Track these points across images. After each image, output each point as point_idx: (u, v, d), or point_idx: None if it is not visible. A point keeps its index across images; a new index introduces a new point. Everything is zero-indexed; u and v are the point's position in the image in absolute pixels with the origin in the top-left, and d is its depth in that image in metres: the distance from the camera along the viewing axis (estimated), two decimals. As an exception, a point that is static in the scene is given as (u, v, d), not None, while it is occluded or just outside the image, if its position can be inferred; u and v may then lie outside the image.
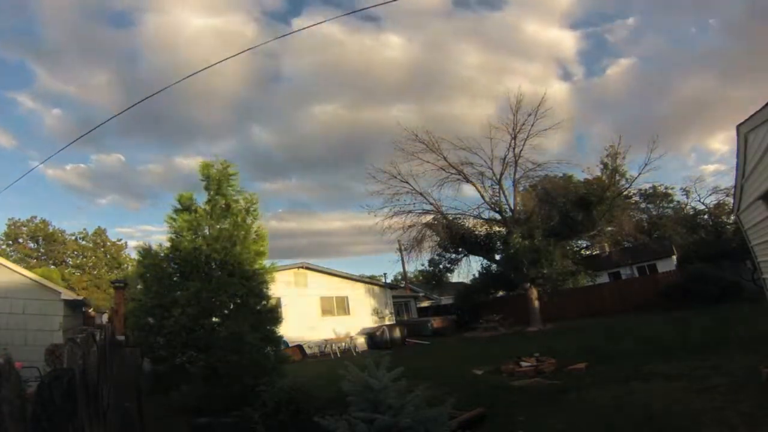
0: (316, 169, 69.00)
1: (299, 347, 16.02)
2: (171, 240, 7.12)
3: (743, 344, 7.21)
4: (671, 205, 34.79)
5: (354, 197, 71.82)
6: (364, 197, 32.61)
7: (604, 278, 25.62)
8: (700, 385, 5.18)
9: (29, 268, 17.77)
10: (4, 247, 34.83)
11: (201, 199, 7.53)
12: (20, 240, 36.25)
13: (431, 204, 21.17)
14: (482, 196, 20.95)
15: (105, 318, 14.48)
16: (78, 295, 12.30)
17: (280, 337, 7.97)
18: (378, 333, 18.34)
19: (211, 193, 7.42)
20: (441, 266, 23.76)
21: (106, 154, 61.63)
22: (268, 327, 7.11)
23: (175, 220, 7.19)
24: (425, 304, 31.97)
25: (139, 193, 67.21)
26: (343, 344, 17.30)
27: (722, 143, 55.15)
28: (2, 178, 57.05)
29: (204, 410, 5.64)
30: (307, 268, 19.57)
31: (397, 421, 3.05)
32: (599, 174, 20.14)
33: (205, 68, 7.46)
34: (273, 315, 7.37)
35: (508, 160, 20.35)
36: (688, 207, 34.08)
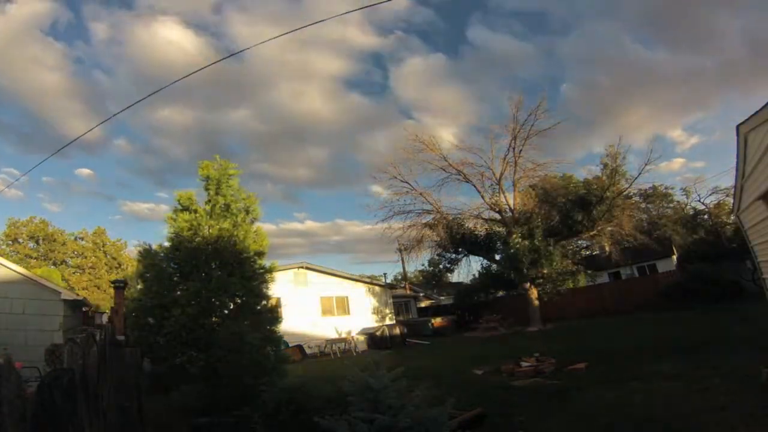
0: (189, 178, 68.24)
1: (299, 347, 16.03)
2: (171, 240, 7.11)
3: (743, 344, 7.21)
4: (671, 205, 34.84)
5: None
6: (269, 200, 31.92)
7: (604, 278, 25.61)
8: (700, 385, 5.18)
9: (29, 268, 17.77)
10: (3, 247, 34.81)
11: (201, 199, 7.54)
12: (20, 240, 36.23)
13: (431, 204, 21.21)
14: (482, 196, 21.00)
15: (105, 318, 14.48)
16: (78, 295, 12.30)
17: (280, 337, 7.97)
18: (378, 333, 18.34)
19: (211, 193, 7.43)
20: (441, 266, 23.79)
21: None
22: (268, 327, 7.11)
23: (175, 220, 7.19)
24: (425, 304, 31.97)
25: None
26: (343, 344, 17.30)
27: (685, 131, 50.31)
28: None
29: (204, 410, 5.64)
30: (308, 268, 19.57)
31: (397, 421, 3.05)
32: (599, 174, 20.18)
33: (202, 69, 7.46)
34: (273, 315, 7.37)
35: (508, 160, 20.38)
36: (688, 207, 34.15)
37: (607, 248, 22.65)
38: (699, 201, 33.01)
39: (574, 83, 49.47)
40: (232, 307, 7.03)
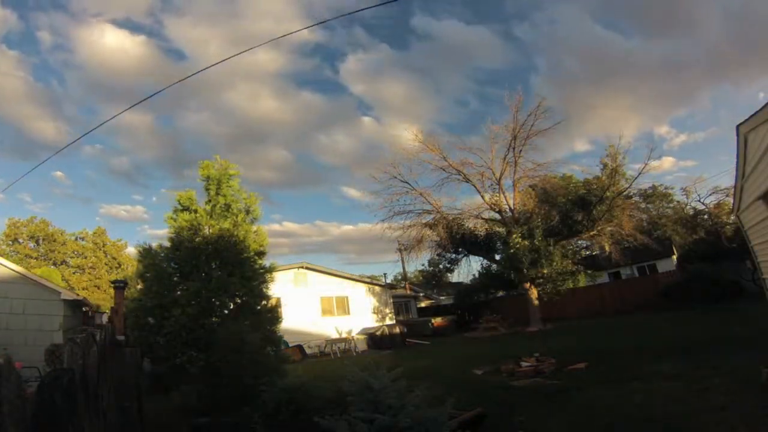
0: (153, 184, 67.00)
1: (299, 347, 16.03)
2: (171, 240, 7.12)
3: (743, 344, 7.21)
4: (671, 205, 34.83)
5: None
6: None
7: (604, 278, 25.61)
8: (700, 385, 5.18)
9: (29, 268, 17.77)
10: (4, 247, 34.81)
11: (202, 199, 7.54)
12: (20, 240, 36.23)
13: (431, 204, 21.20)
14: (482, 196, 21.00)
15: (105, 318, 14.48)
16: (78, 295, 12.30)
17: (280, 337, 7.98)
18: (378, 333, 18.34)
19: (211, 193, 7.43)
20: (441, 266, 23.82)
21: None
22: (268, 327, 7.11)
23: (175, 220, 7.19)
24: (425, 304, 31.98)
25: None
26: (343, 344, 17.31)
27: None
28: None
29: (204, 410, 5.64)
30: (308, 268, 19.57)
31: (397, 421, 3.05)
32: (599, 174, 20.18)
33: (202, 70, 7.46)
34: (273, 315, 7.37)
35: (508, 160, 20.38)
36: (688, 207, 34.14)
37: (607, 248, 22.65)
38: (699, 201, 33.03)
39: (543, 73, 47.01)
40: (232, 307, 7.04)
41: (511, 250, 18.12)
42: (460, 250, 22.04)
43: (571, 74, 45.27)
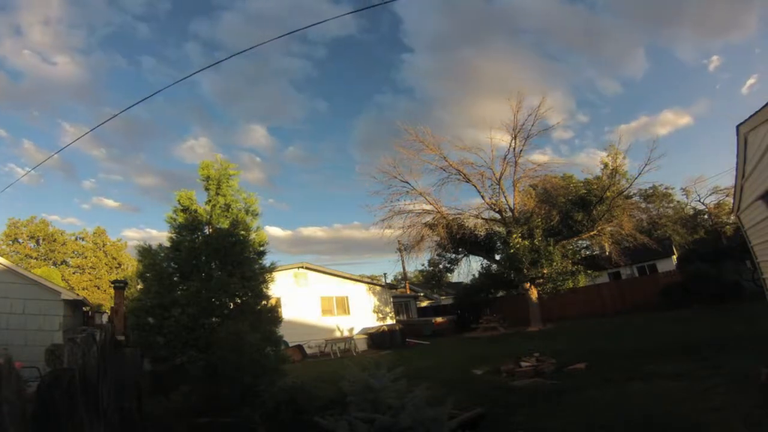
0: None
1: (299, 347, 16.02)
2: (171, 240, 7.11)
3: (743, 344, 7.21)
4: (671, 205, 34.85)
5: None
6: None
7: (604, 278, 25.58)
8: (700, 385, 5.18)
9: (29, 268, 17.77)
10: (4, 247, 34.81)
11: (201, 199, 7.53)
12: (20, 240, 36.23)
13: (431, 204, 21.20)
14: (482, 196, 21.00)
15: (105, 318, 14.48)
16: (78, 295, 12.30)
17: (280, 337, 7.96)
18: (378, 333, 18.35)
19: (211, 192, 7.42)
20: (441, 266, 23.77)
21: None
22: (268, 327, 7.10)
23: (175, 219, 7.19)
24: (425, 304, 31.98)
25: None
26: (343, 344, 17.30)
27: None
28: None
29: (204, 410, 5.64)
30: (308, 268, 19.56)
31: (397, 421, 3.05)
32: (599, 174, 20.17)
33: (200, 70, 7.45)
34: (273, 315, 7.36)
35: (509, 160, 20.39)
36: (688, 207, 34.17)
37: (607, 248, 22.65)
38: (699, 201, 33.07)
39: (397, 45, 42.72)
40: (232, 307, 7.03)
41: (511, 250, 18.12)
42: (460, 250, 22.03)
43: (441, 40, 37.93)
